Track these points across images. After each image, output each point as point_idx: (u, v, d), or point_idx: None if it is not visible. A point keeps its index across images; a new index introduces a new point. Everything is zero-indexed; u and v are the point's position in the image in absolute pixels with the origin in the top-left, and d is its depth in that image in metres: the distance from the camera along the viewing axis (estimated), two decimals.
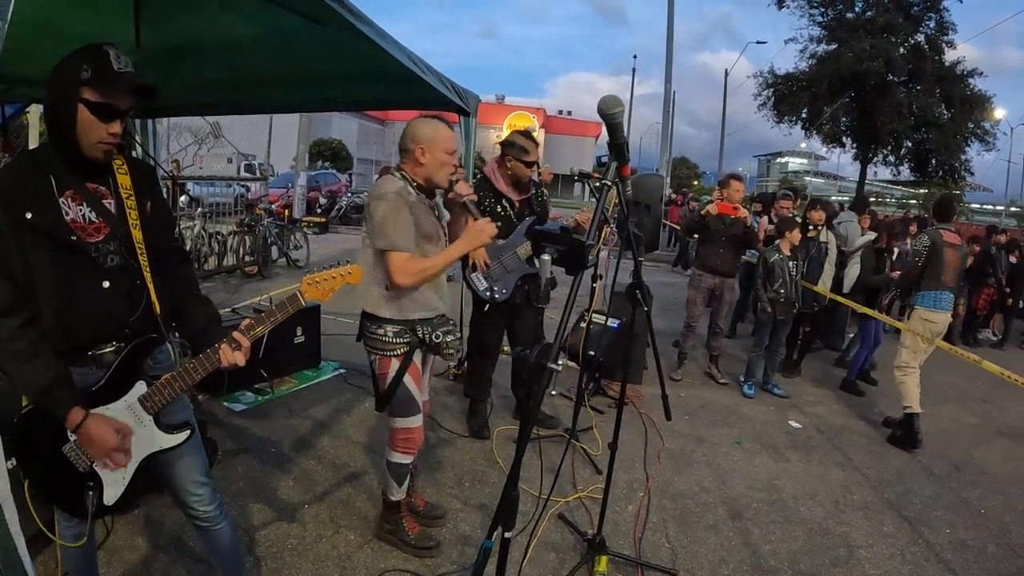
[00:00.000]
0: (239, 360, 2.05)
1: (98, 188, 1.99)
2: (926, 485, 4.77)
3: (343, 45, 3.43)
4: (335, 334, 6.52)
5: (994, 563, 3.79)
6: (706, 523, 3.88)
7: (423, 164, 2.89)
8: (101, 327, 1.99)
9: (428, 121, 2.97)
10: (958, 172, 28.12)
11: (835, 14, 27.00)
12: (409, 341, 2.98)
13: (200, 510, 2.29)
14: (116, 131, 1.90)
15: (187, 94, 4.77)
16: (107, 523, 3.13)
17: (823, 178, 77.32)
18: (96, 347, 2.00)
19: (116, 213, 2.00)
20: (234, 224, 11.11)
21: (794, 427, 5.67)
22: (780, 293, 6.22)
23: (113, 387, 2.01)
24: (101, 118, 1.85)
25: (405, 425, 3.08)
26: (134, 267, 2.03)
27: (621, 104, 1.99)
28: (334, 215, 20.02)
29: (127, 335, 2.04)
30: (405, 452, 3.12)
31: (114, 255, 1.98)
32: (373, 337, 2.98)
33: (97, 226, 1.95)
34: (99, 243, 1.95)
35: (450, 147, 2.92)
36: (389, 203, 2.77)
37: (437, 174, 2.90)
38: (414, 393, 3.05)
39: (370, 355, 3.06)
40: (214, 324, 2.20)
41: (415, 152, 2.89)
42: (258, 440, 4.36)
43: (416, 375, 3.06)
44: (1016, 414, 6.78)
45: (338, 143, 39.72)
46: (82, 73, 1.82)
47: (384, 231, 2.75)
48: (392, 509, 3.29)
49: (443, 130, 2.95)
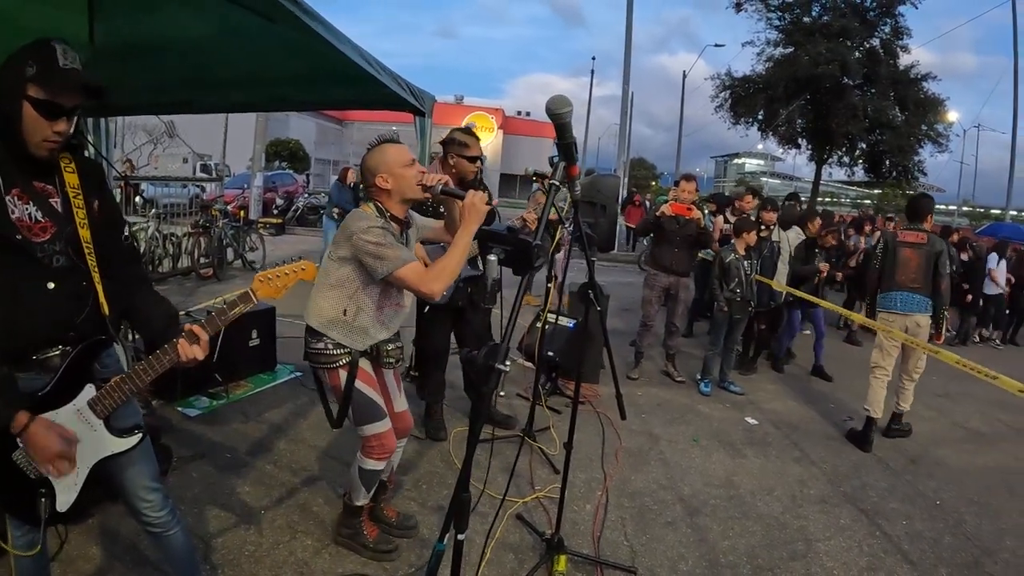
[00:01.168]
0: (198, 354, 2.01)
1: (45, 187, 1.94)
2: (882, 478, 4.86)
3: (297, 44, 3.40)
4: (291, 337, 6.44)
5: (950, 553, 3.87)
6: (664, 520, 3.90)
7: (390, 188, 2.85)
8: (46, 329, 1.94)
9: (373, 151, 2.93)
10: (911, 173, 28.69)
11: (792, 18, 27.37)
12: (350, 351, 2.94)
13: (152, 516, 2.25)
14: (61, 129, 1.86)
15: (141, 92, 4.68)
16: (61, 533, 3.03)
17: (779, 179, 78.55)
18: (41, 351, 1.94)
19: (63, 212, 1.95)
20: (189, 225, 10.91)
21: (751, 424, 5.75)
22: (736, 292, 6.30)
23: (61, 391, 1.96)
24: (45, 116, 1.81)
25: (374, 431, 3.02)
26: (81, 268, 1.98)
27: (569, 104, 1.98)
28: (291, 216, 19.80)
29: (73, 338, 1.98)
30: (379, 459, 3.06)
31: (60, 255, 1.94)
32: (315, 352, 2.95)
33: (43, 225, 1.90)
34: (45, 243, 1.90)
35: (404, 159, 2.88)
36: (377, 233, 2.72)
37: (407, 189, 2.85)
38: (372, 397, 3.00)
39: (316, 372, 3.04)
40: (173, 323, 2.14)
41: (378, 183, 2.85)
42: (213, 445, 4.28)
43: (368, 380, 3.01)
44: (970, 408, 6.97)
45: (295, 143, 39.33)
46: (27, 69, 1.78)
47: (386, 255, 2.69)
48: (353, 513, 3.25)
49: (389, 150, 2.90)
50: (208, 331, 2.04)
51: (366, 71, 3.78)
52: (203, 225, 10.64)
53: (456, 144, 4.33)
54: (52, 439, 1.88)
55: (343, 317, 2.87)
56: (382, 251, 2.69)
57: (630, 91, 19.35)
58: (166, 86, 4.64)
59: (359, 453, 3.09)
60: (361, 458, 3.08)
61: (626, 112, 19.48)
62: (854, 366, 8.05)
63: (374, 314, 2.94)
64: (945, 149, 27.95)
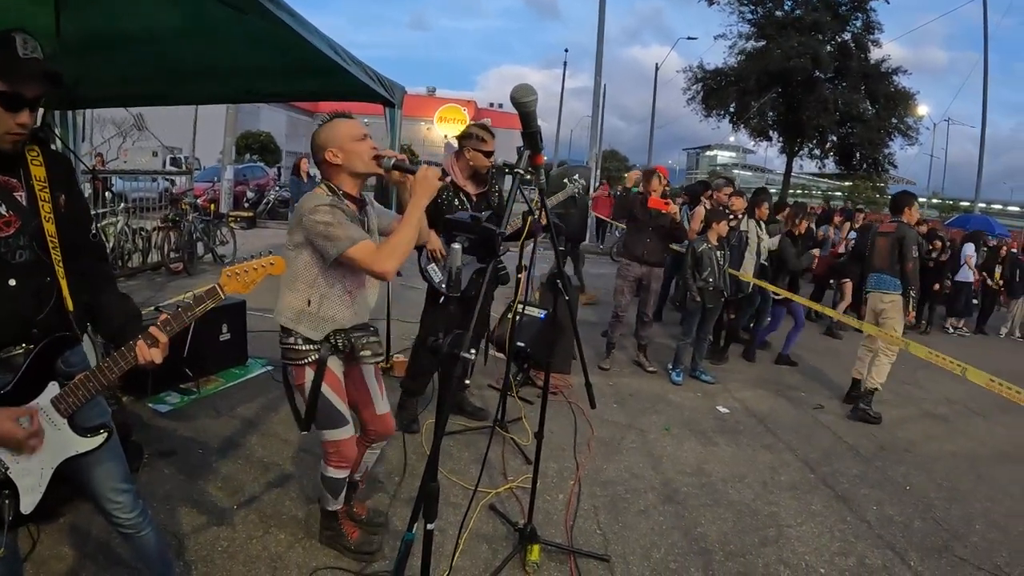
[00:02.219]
0: (156, 357, 1.98)
1: (9, 180, 1.91)
2: (853, 464, 4.95)
3: (266, 34, 3.38)
4: (262, 331, 6.41)
5: (920, 537, 3.95)
6: (637, 508, 3.94)
7: (340, 163, 2.77)
8: (6, 327, 1.91)
9: (324, 126, 2.85)
10: (881, 165, 29.12)
11: (764, 12, 27.61)
12: (319, 348, 2.87)
13: (122, 518, 2.22)
14: (24, 121, 1.83)
15: (109, 85, 4.63)
16: (33, 533, 3.01)
17: (751, 171, 79.08)
18: (3, 348, 1.91)
19: (28, 206, 1.92)
20: (158, 220, 10.76)
21: (722, 412, 5.81)
22: (709, 282, 6.36)
23: (23, 389, 1.93)
24: (7, 108, 1.79)
25: (332, 437, 2.95)
26: (45, 263, 1.95)
27: (534, 93, 1.98)
28: (262, 209, 19.56)
29: (36, 335, 1.95)
30: (339, 467, 3.00)
31: (23, 250, 1.91)
32: (285, 347, 2.89)
33: (7, 219, 1.87)
34: (8, 238, 1.87)
35: (354, 133, 2.79)
36: (326, 211, 2.64)
37: (357, 162, 2.77)
38: (335, 403, 2.92)
39: (285, 368, 2.97)
40: (132, 321, 2.11)
41: (327, 157, 2.78)
42: (185, 441, 4.25)
43: (335, 384, 2.93)
44: (938, 395, 7.12)
45: (266, 136, 38.98)
46: None
47: (335, 234, 2.61)
48: (330, 517, 3.23)
49: (340, 124, 2.82)
50: (168, 333, 2.00)
51: (335, 62, 3.77)
52: (173, 219, 10.49)
53: (474, 139, 4.39)
54: (8, 425, 1.85)
55: (308, 308, 2.79)
56: (331, 231, 2.60)
57: (602, 83, 19.39)
58: (134, 78, 4.60)
59: (322, 461, 3.04)
60: (323, 465, 3.02)
61: (598, 104, 19.52)
62: (827, 356, 8.18)
63: (340, 299, 2.85)
64: (915, 142, 28.45)
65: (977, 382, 4.17)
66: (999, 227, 19.49)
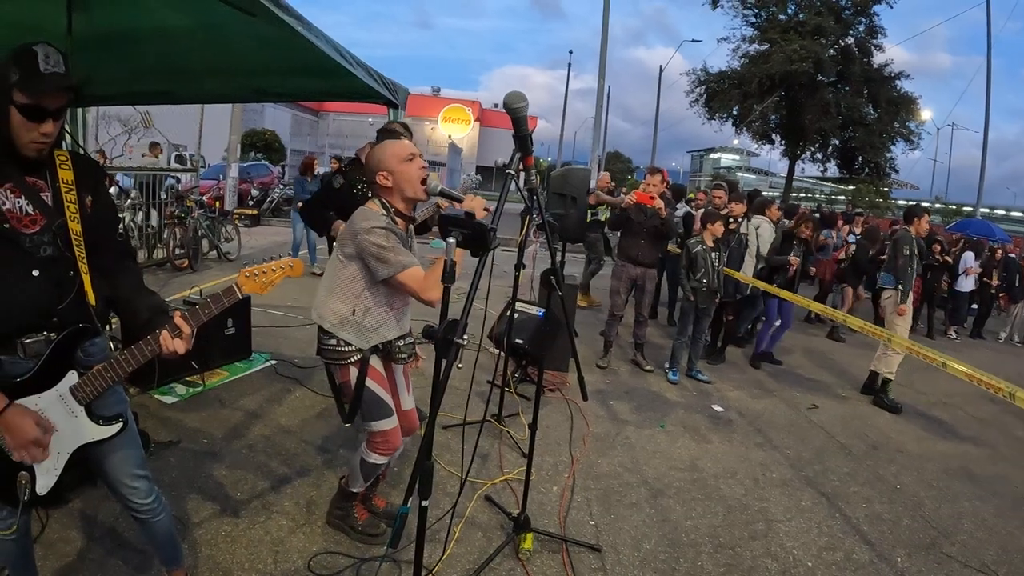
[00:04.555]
0: (179, 348, 2.05)
1: (36, 182, 2.01)
2: (844, 463, 5.02)
3: (273, 37, 3.46)
4: (266, 326, 6.53)
5: (908, 534, 4.03)
6: (629, 502, 4.03)
7: (391, 186, 2.87)
8: (29, 315, 1.99)
9: (377, 146, 2.97)
10: (883, 169, 29.15)
11: (768, 15, 27.65)
12: (361, 348, 2.98)
13: (138, 503, 2.31)
14: (47, 131, 1.93)
15: (118, 83, 4.71)
16: (42, 517, 3.11)
17: (755, 174, 79.08)
18: (25, 335, 1.99)
19: (53, 206, 2.02)
20: (164, 216, 10.87)
21: (716, 411, 5.89)
22: (703, 282, 6.45)
23: (44, 376, 2.01)
24: (30, 119, 1.88)
25: (381, 427, 3.07)
26: (68, 258, 2.04)
27: (525, 99, 2.08)
28: (266, 207, 19.67)
29: (56, 324, 2.04)
30: (384, 454, 3.12)
31: (48, 246, 2.00)
32: (327, 348, 2.98)
33: (33, 218, 1.97)
34: (34, 234, 1.97)
35: (402, 154, 2.88)
36: (382, 234, 2.75)
37: (409, 186, 2.87)
38: (380, 395, 3.04)
39: (328, 367, 3.07)
40: (157, 315, 2.17)
41: (379, 180, 2.88)
42: (190, 431, 4.34)
43: (379, 378, 3.05)
44: (933, 397, 7.19)
45: (271, 134, 38.92)
46: (11, 75, 1.85)
47: (388, 259, 2.72)
48: (347, 497, 3.33)
49: (393, 146, 2.93)
50: (192, 324, 2.09)
51: (340, 64, 3.85)
52: (178, 216, 10.60)
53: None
54: (28, 426, 1.93)
55: (352, 317, 2.91)
56: (384, 254, 2.72)
57: (606, 85, 19.45)
58: (143, 76, 4.67)
59: (364, 446, 3.14)
60: (365, 451, 3.13)
61: (602, 106, 19.58)
62: (827, 358, 8.25)
63: (384, 312, 2.97)
64: (917, 147, 28.43)
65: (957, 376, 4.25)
66: (999, 232, 19.51)
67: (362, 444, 3.17)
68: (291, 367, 5.68)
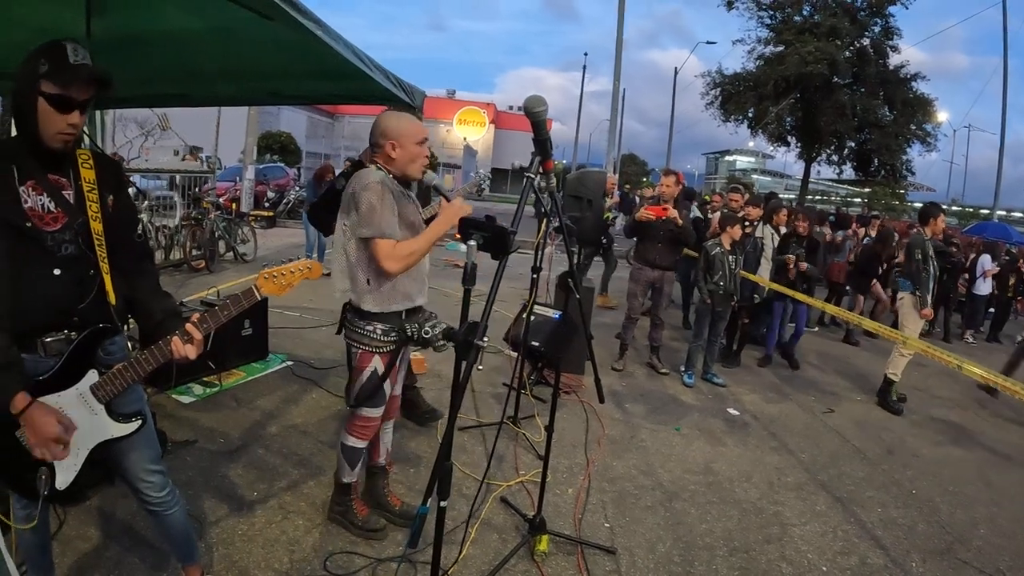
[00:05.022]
0: (190, 353, 2.08)
1: (59, 179, 2.03)
2: (859, 467, 5.00)
3: (290, 40, 3.47)
4: (282, 327, 6.56)
5: (923, 540, 4.00)
6: (644, 504, 4.03)
7: (395, 158, 2.92)
8: (50, 314, 2.02)
9: (396, 115, 3.02)
10: (899, 172, 28.94)
11: (783, 17, 27.54)
12: (397, 340, 3.01)
13: (152, 496, 2.33)
14: (75, 122, 1.96)
15: (136, 85, 4.73)
16: (59, 514, 3.14)
17: (770, 176, 78.76)
18: (46, 334, 2.02)
19: (75, 204, 2.04)
20: (180, 217, 10.95)
21: (732, 414, 5.88)
22: (720, 285, 6.43)
23: (65, 375, 2.03)
24: (59, 109, 1.91)
25: (368, 414, 3.13)
26: (89, 257, 2.06)
27: (545, 103, 2.10)
28: (282, 209, 19.75)
29: (76, 323, 2.06)
30: (360, 437, 3.18)
31: (69, 244, 2.02)
32: (360, 332, 3.00)
33: (55, 216, 1.99)
34: (55, 232, 1.99)
35: (419, 136, 2.96)
36: (375, 192, 2.78)
37: (410, 167, 2.94)
38: (385, 388, 3.10)
39: (351, 347, 3.08)
40: (171, 317, 2.21)
41: (385, 147, 2.92)
42: (207, 431, 4.38)
43: (394, 375, 3.12)
44: (949, 401, 7.11)
45: (287, 136, 39.03)
46: (40, 67, 1.88)
47: (371, 219, 2.76)
48: (343, 491, 3.36)
49: (411, 123, 2.99)
50: (203, 331, 2.11)
51: (358, 68, 3.85)
52: (195, 217, 10.68)
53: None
54: (51, 424, 1.95)
55: (367, 286, 2.93)
56: (371, 215, 2.76)
57: (621, 88, 19.43)
58: (160, 79, 4.69)
59: (343, 430, 3.21)
60: (344, 434, 3.20)
61: (617, 109, 19.54)
62: (841, 362, 8.21)
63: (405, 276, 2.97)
64: (933, 148, 28.21)
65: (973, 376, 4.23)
66: (1016, 234, 19.36)
67: (342, 431, 3.22)
68: (307, 368, 5.71)
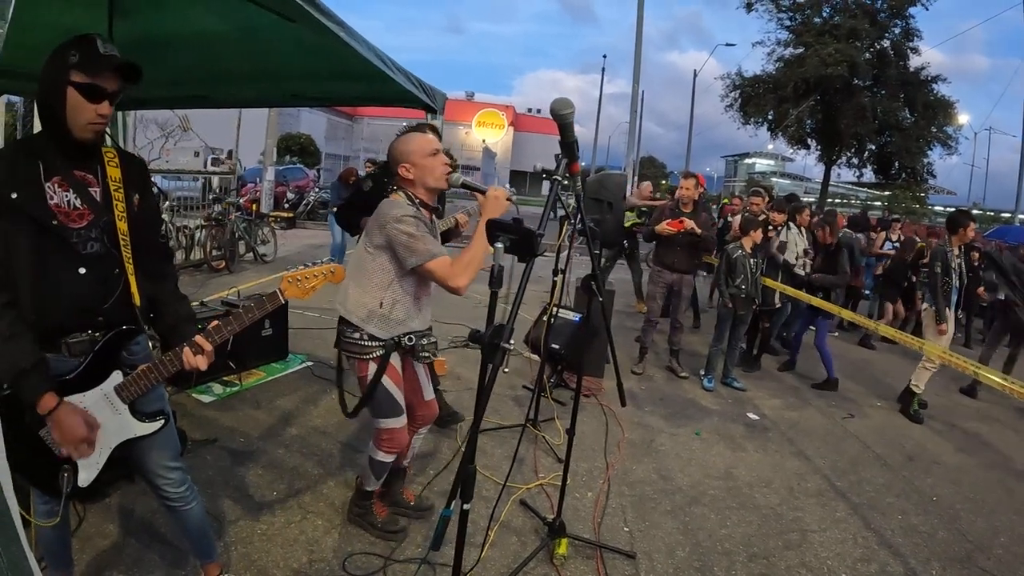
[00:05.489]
0: (200, 365, 2.09)
1: (86, 176, 2.04)
2: (879, 474, 4.94)
3: (313, 42, 3.48)
4: (302, 328, 6.59)
5: (943, 547, 3.95)
6: (663, 509, 4.01)
7: (412, 178, 2.94)
8: (74, 313, 2.02)
9: (403, 138, 3.04)
10: (920, 175, 28.74)
11: (803, 19, 27.43)
12: (384, 344, 3.01)
13: (171, 492, 2.35)
14: (105, 112, 1.97)
15: (157, 87, 4.76)
16: (79, 510, 3.15)
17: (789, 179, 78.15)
18: (69, 334, 2.03)
19: (102, 202, 2.04)
20: (201, 218, 11.05)
21: (752, 419, 5.84)
22: (741, 289, 6.39)
23: (90, 375, 2.05)
24: (89, 98, 1.92)
25: (388, 425, 3.12)
26: (114, 256, 2.07)
27: (572, 106, 2.09)
28: (301, 210, 19.91)
29: (101, 323, 2.07)
30: (388, 451, 3.17)
31: (95, 242, 2.02)
32: (349, 341, 3.02)
33: (80, 212, 1.99)
34: (81, 229, 1.99)
35: (428, 148, 2.96)
36: (410, 223, 2.80)
37: (429, 178, 2.94)
38: (394, 394, 3.08)
39: (348, 359, 3.11)
40: (184, 323, 2.23)
41: (401, 172, 2.95)
42: (227, 430, 4.40)
43: (395, 376, 3.09)
44: (970, 409, 7.03)
45: (306, 138, 39.30)
46: (70, 58, 1.89)
47: (415, 248, 2.77)
48: (364, 495, 3.37)
49: (416, 138, 3.01)
50: (215, 340, 2.12)
51: (380, 69, 3.86)
52: (216, 218, 10.77)
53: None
54: (78, 423, 1.98)
55: (380, 309, 2.94)
56: (413, 243, 2.77)
57: (640, 90, 19.37)
58: (181, 81, 4.73)
59: (371, 443, 3.20)
60: (373, 448, 3.19)
61: (636, 111, 19.49)
62: (860, 367, 8.13)
63: (411, 304, 3.01)
64: (954, 152, 27.98)
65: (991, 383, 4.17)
66: None
67: (370, 443, 3.22)
68: (327, 369, 5.72)
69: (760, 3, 28.09)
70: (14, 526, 1.74)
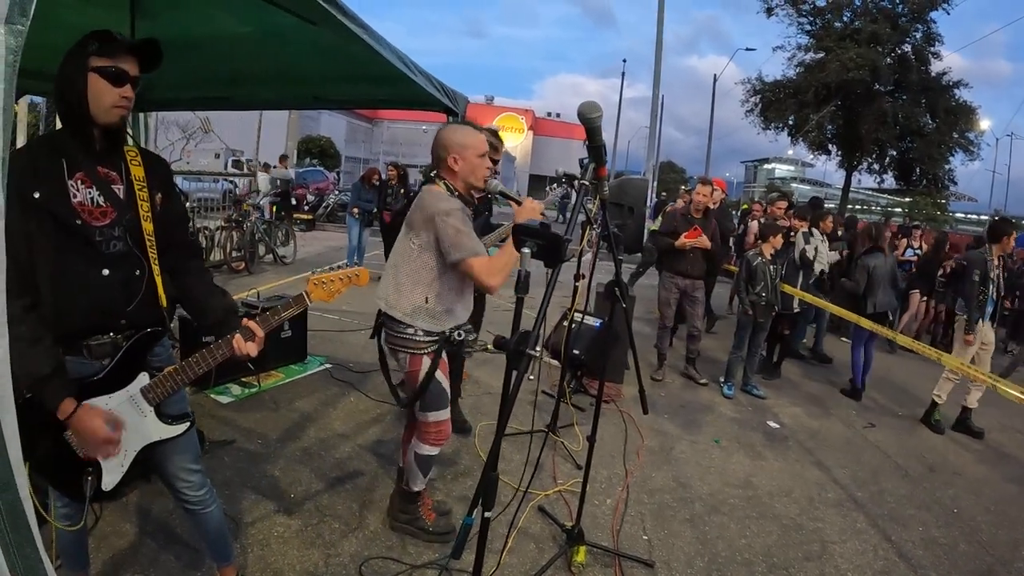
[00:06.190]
0: (252, 351, 2.10)
1: (109, 173, 2.02)
2: (900, 485, 4.87)
3: (335, 44, 3.47)
4: (321, 330, 6.60)
5: (964, 560, 3.89)
6: (683, 517, 3.97)
7: (456, 171, 2.97)
8: (96, 315, 2.01)
9: (458, 128, 3.06)
10: (941, 181, 28.45)
11: (823, 23, 27.25)
12: (438, 339, 3.03)
13: (191, 495, 2.34)
14: (128, 95, 1.97)
15: (179, 88, 4.80)
16: (96, 510, 3.16)
17: (809, 185, 77.73)
18: (92, 336, 2.01)
19: (125, 200, 2.03)
20: (221, 219, 11.11)
21: (772, 427, 5.78)
22: (761, 296, 6.33)
23: (116, 377, 2.04)
24: (112, 82, 1.92)
25: (438, 418, 3.13)
26: (137, 256, 2.06)
27: (600, 110, 2.07)
28: (321, 213, 20.00)
29: (124, 326, 2.05)
30: (435, 444, 3.17)
31: (117, 241, 2.00)
32: (401, 337, 3.02)
33: (103, 210, 1.98)
34: (103, 227, 1.97)
35: (482, 148, 3.00)
36: (457, 217, 2.83)
37: (472, 176, 2.99)
38: (444, 386, 3.11)
39: (398, 353, 3.09)
40: (231, 315, 2.23)
41: (447, 160, 2.97)
42: (245, 432, 4.41)
43: (444, 369, 3.11)
44: (992, 420, 6.92)
45: (326, 140, 39.43)
46: (90, 46, 1.90)
47: (461, 243, 2.80)
48: (411, 499, 3.36)
49: (473, 135, 3.03)
50: (265, 328, 2.13)
51: (402, 72, 3.86)
52: (236, 220, 10.83)
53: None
54: (99, 425, 1.95)
55: (425, 305, 2.96)
56: (460, 238, 2.80)
57: (660, 94, 19.27)
58: (203, 82, 4.76)
59: (415, 439, 3.19)
60: (417, 443, 3.18)
61: (656, 116, 19.41)
62: (881, 376, 8.03)
63: (453, 297, 3.03)
64: (976, 157, 27.67)
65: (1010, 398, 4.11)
66: None
67: (413, 439, 3.21)
68: (345, 371, 5.73)
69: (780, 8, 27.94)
70: (29, 528, 1.73)
